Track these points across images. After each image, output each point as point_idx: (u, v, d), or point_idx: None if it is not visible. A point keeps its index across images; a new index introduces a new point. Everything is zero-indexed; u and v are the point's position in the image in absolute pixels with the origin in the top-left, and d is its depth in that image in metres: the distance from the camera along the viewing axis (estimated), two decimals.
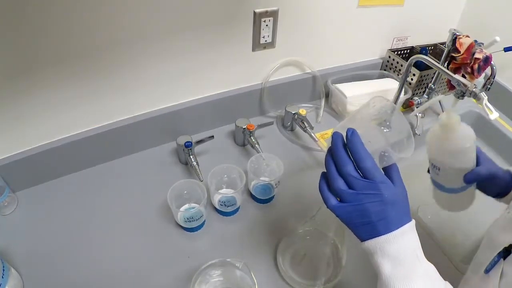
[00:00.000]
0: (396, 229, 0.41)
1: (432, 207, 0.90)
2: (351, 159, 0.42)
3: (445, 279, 0.65)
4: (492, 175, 0.56)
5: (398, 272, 0.40)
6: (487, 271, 0.43)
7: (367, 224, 0.41)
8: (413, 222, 0.43)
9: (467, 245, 0.81)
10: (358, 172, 0.42)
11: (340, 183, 0.42)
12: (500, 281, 0.40)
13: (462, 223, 0.87)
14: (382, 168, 0.45)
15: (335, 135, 0.44)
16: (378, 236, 0.41)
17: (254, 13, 0.81)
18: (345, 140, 0.43)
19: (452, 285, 0.45)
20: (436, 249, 0.71)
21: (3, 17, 0.56)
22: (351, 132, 0.42)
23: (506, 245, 0.42)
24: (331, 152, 0.43)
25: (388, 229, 0.41)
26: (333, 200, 0.43)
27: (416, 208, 0.87)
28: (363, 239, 0.43)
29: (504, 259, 0.41)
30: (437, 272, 0.43)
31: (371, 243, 0.42)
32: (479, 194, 0.61)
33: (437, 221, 0.86)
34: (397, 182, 0.44)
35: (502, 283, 0.39)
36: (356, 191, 0.41)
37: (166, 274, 0.64)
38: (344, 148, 0.42)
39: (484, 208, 0.61)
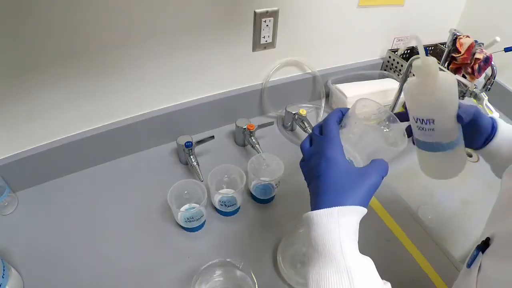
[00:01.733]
0: (325, 207, 0.38)
1: (432, 207, 0.91)
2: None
3: (444, 279, 0.65)
4: (477, 113, 0.52)
5: (316, 260, 0.37)
6: (468, 265, 0.43)
7: (309, 183, 0.42)
8: (356, 208, 0.38)
9: (467, 245, 0.81)
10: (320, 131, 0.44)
11: (305, 141, 0.45)
12: (478, 274, 0.39)
13: (462, 223, 0.87)
14: None
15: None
16: (312, 209, 0.39)
17: (255, 13, 0.81)
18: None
19: (452, 285, 0.45)
20: (436, 249, 0.71)
21: (4, 15, 0.56)
22: (337, 109, 0.45)
23: (484, 238, 0.42)
24: None
25: (318, 202, 0.38)
26: (301, 160, 0.46)
27: (416, 208, 0.87)
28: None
29: (483, 252, 0.41)
30: (371, 272, 0.37)
31: (303, 217, 0.40)
32: (479, 194, 0.61)
33: (437, 221, 0.86)
34: (368, 166, 0.41)
35: (479, 277, 0.39)
36: (311, 146, 0.44)
37: (166, 274, 0.64)
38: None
39: (484, 208, 0.61)
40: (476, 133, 0.53)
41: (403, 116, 0.52)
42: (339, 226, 0.37)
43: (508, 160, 0.53)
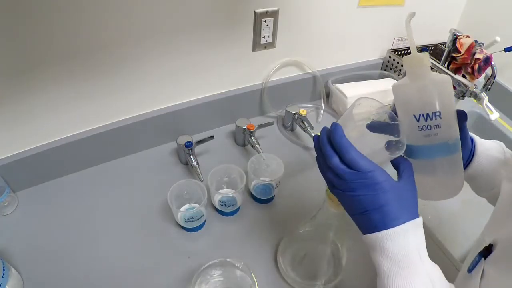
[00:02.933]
0: (397, 225, 0.40)
1: (432, 207, 0.91)
2: (336, 152, 0.42)
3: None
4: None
5: (397, 273, 0.39)
6: (469, 270, 0.43)
7: (364, 213, 0.41)
8: (419, 219, 0.42)
9: (467, 245, 0.81)
10: (344, 164, 0.42)
11: (330, 175, 0.43)
12: (481, 281, 0.39)
13: (462, 223, 0.87)
14: (396, 166, 0.45)
15: (322, 130, 0.45)
16: (377, 230, 0.40)
17: (255, 13, 0.81)
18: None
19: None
20: (436, 249, 0.71)
21: (4, 15, 0.56)
22: (334, 126, 0.42)
23: (486, 244, 0.42)
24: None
25: (387, 222, 0.40)
26: (331, 187, 0.44)
27: None
28: (364, 232, 0.42)
29: (485, 258, 0.41)
30: (442, 275, 0.41)
31: (371, 237, 0.41)
32: (478, 197, 0.61)
33: (437, 221, 0.86)
34: (404, 177, 0.43)
35: (483, 283, 0.39)
36: (346, 182, 0.41)
37: (166, 274, 0.64)
38: (330, 141, 0.43)
39: (484, 208, 0.61)
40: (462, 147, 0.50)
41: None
42: (416, 237, 0.41)
43: (487, 180, 0.53)
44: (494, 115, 0.77)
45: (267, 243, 0.69)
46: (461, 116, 0.47)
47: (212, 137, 0.83)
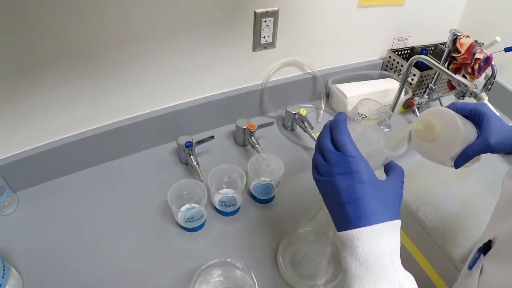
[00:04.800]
0: (371, 224, 0.38)
1: (432, 207, 0.91)
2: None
3: (444, 279, 0.65)
4: (490, 147, 0.49)
5: (364, 277, 0.37)
6: (470, 267, 0.43)
7: (339, 205, 0.40)
8: (396, 222, 0.40)
9: (467, 245, 0.81)
10: (334, 146, 0.42)
11: (318, 157, 0.43)
12: (480, 276, 0.39)
13: (462, 223, 0.87)
14: (386, 169, 0.45)
15: (329, 121, 0.45)
16: (350, 227, 0.38)
17: (255, 13, 0.81)
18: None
19: (452, 285, 0.45)
20: (436, 249, 0.71)
21: (4, 15, 0.56)
22: (340, 113, 0.43)
23: (486, 240, 0.42)
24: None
25: (360, 218, 0.38)
26: (315, 173, 0.43)
27: (416, 208, 0.87)
28: (338, 229, 0.41)
29: (485, 254, 0.41)
30: (415, 285, 0.38)
31: (342, 235, 0.39)
32: (479, 194, 0.61)
33: (437, 221, 0.86)
34: (390, 177, 0.42)
35: (481, 279, 0.39)
36: (328, 163, 0.41)
37: (166, 274, 0.64)
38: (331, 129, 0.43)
39: (484, 208, 0.61)
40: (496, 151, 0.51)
41: None
42: (389, 240, 0.38)
43: None
44: None
45: (267, 243, 0.69)
46: (457, 164, 0.52)
47: (212, 137, 0.83)
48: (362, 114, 0.46)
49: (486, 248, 0.41)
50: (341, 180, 0.40)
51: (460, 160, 0.50)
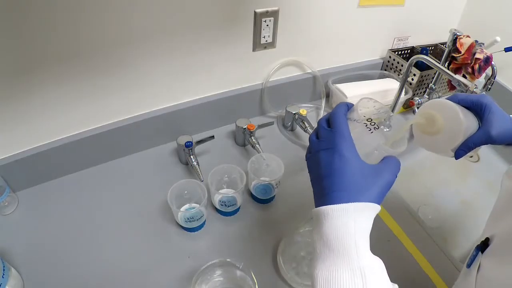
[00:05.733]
0: (340, 202, 0.36)
1: (432, 207, 0.91)
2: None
3: (444, 279, 0.65)
4: (492, 139, 0.48)
5: (326, 257, 0.35)
6: (468, 265, 0.43)
7: (317, 179, 0.40)
8: (371, 205, 0.37)
9: (467, 245, 0.81)
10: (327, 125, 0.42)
11: (312, 135, 0.43)
12: (477, 273, 0.39)
13: (462, 223, 0.87)
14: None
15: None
16: (323, 204, 0.37)
17: (255, 13, 0.81)
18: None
19: (452, 285, 0.45)
20: (436, 249, 0.71)
21: (4, 15, 0.56)
22: (345, 102, 0.44)
23: (483, 238, 0.42)
24: None
25: (333, 195, 0.37)
26: (307, 152, 0.44)
27: (416, 208, 0.87)
28: (315, 205, 0.40)
29: (482, 252, 0.41)
30: (382, 274, 0.36)
31: (314, 212, 0.38)
32: (479, 194, 0.61)
33: (437, 221, 0.86)
34: (381, 164, 0.41)
35: (478, 276, 0.39)
36: (317, 140, 0.41)
37: (166, 274, 0.64)
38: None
39: (484, 208, 0.61)
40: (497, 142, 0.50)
41: None
42: (355, 222, 0.36)
43: None
44: None
45: (267, 243, 0.69)
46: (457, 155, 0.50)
47: (212, 137, 0.83)
48: (362, 115, 0.46)
49: (483, 246, 0.41)
50: (324, 154, 0.39)
51: (461, 151, 0.49)
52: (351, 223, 0.35)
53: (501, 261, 0.37)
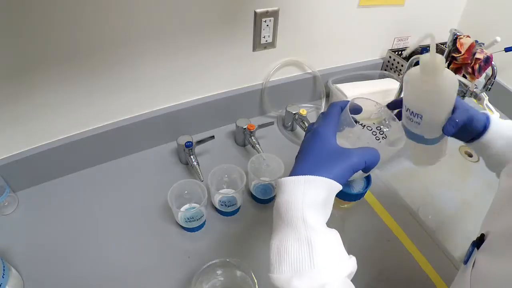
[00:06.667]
0: (294, 175, 0.37)
1: (432, 207, 0.91)
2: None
3: (444, 279, 0.65)
4: (470, 119, 0.51)
5: (278, 226, 0.37)
6: (465, 262, 0.43)
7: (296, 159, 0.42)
8: (325, 180, 0.37)
9: (467, 245, 0.81)
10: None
11: (313, 122, 0.46)
12: (472, 269, 0.39)
13: (462, 223, 0.87)
14: None
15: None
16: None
17: (255, 13, 0.81)
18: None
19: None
20: (436, 249, 0.71)
21: (4, 15, 0.56)
22: (343, 102, 0.45)
23: (479, 234, 0.42)
24: None
25: (294, 169, 0.38)
26: None
27: (416, 208, 0.87)
28: None
29: (478, 248, 0.41)
30: (334, 243, 0.37)
31: (276, 182, 0.42)
32: (479, 194, 0.61)
33: (437, 221, 0.86)
34: (356, 149, 0.40)
35: (473, 272, 0.38)
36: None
37: (166, 274, 0.64)
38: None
39: (484, 208, 0.61)
40: (466, 133, 0.54)
41: (397, 102, 0.54)
42: (304, 194, 0.36)
43: (497, 153, 0.53)
44: (495, 115, 0.77)
45: (267, 243, 0.69)
46: (451, 122, 0.50)
47: (212, 137, 0.83)
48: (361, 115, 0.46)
49: (479, 242, 0.41)
50: (307, 133, 0.43)
51: (450, 127, 0.50)
52: (299, 194, 0.36)
53: (495, 257, 0.37)
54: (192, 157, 0.79)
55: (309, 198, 0.36)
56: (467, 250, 0.43)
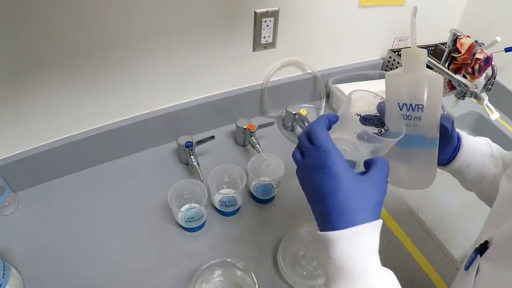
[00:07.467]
0: (348, 226, 0.36)
1: (432, 208, 0.91)
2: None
3: (444, 279, 0.65)
4: (453, 123, 0.50)
5: (340, 282, 0.36)
6: (466, 267, 0.43)
7: (316, 202, 0.38)
8: (375, 223, 0.37)
9: (467, 245, 0.81)
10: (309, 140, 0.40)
11: (296, 152, 0.41)
12: (476, 276, 0.39)
13: (462, 223, 0.87)
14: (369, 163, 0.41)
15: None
16: (326, 228, 0.37)
17: (255, 13, 0.81)
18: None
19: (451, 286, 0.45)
20: (436, 249, 0.71)
21: (5, 15, 0.56)
22: (322, 116, 0.42)
23: (482, 241, 0.42)
24: None
25: (336, 219, 0.36)
26: (296, 170, 0.42)
27: (416, 209, 0.87)
28: (319, 228, 0.39)
29: (481, 255, 0.41)
30: (394, 285, 0.37)
31: (320, 236, 0.37)
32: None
33: (437, 221, 0.86)
34: (370, 172, 0.39)
35: (477, 279, 0.38)
36: (303, 159, 0.40)
37: (166, 274, 0.64)
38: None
39: (484, 209, 0.61)
40: (446, 144, 0.51)
41: (369, 117, 0.49)
42: (363, 243, 0.36)
43: (474, 174, 0.53)
44: (495, 115, 0.77)
45: (267, 243, 0.69)
46: (446, 120, 0.48)
47: (213, 137, 0.83)
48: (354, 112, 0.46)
49: (482, 248, 0.41)
50: (315, 175, 0.38)
51: (447, 122, 0.48)
52: (360, 245, 0.36)
53: (501, 266, 0.37)
54: (192, 157, 0.79)
55: (368, 245, 0.36)
56: (469, 256, 0.43)
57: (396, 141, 0.41)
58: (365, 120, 0.47)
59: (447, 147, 0.52)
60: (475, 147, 0.53)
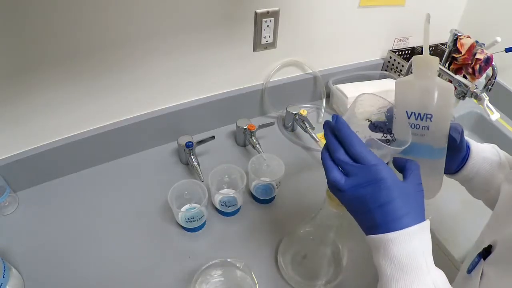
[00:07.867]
0: (402, 227, 0.38)
1: (432, 207, 0.91)
2: (341, 145, 0.41)
3: None
4: (463, 132, 0.51)
5: (400, 278, 0.38)
6: (469, 271, 0.43)
7: (367, 212, 0.40)
8: (426, 223, 0.40)
9: (468, 245, 0.81)
10: (349, 157, 0.41)
11: (335, 173, 0.41)
12: (481, 281, 0.39)
13: (462, 224, 0.87)
14: (402, 167, 0.43)
15: (325, 125, 0.43)
16: (381, 231, 0.39)
17: (255, 13, 0.81)
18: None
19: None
20: (436, 249, 0.71)
21: (5, 15, 0.56)
22: (336, 119, 0.41)
23: (486, 245, 0.42)
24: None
25: (390, 222, 0.38)
26: (334, 189, 0.42)
27: None
28: (366, 232, 0.41)
29: (484, 259, 0.41)
30: (447, 282, 0.39)
31: (374, 239, 0.39)
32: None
33: (437, 221, 0.86)
34: (410, 177, 0.41)
35: (482, 284, 0.39)
36: (350, 177, 0.40)
37: (166, 274, 0.64)
38: (335, 135, 0.42)
39: (485, 209, 0.61)
40: (454, 153, 0.52)
41: (380, 124, 0.49)
42: (420, 241, 0.39)
43: (483, 182, 0.53)
44: (495, 115, 0.77)
45: (268, 243, 0.69)
46: (455, 130, 0.48)
47: (213, 137, 0.83)
48: (362, 113, 0.46)
49: (486, 253, 0.41)
50: (368, 190, 0.39)
51: (455, 133, 0.49)
52: (418, 244, 0.38)
53: (506, 271, 0.37)
54: (192, 157, 0.79)
55: (425, 243, 0.39)
56: (471, 260, 0.43)
57: (401, 150, 0.42)
58: (375, 127, 0.48)
59: (456, 156, 0.52)
60: (484, 156, 0.53)
